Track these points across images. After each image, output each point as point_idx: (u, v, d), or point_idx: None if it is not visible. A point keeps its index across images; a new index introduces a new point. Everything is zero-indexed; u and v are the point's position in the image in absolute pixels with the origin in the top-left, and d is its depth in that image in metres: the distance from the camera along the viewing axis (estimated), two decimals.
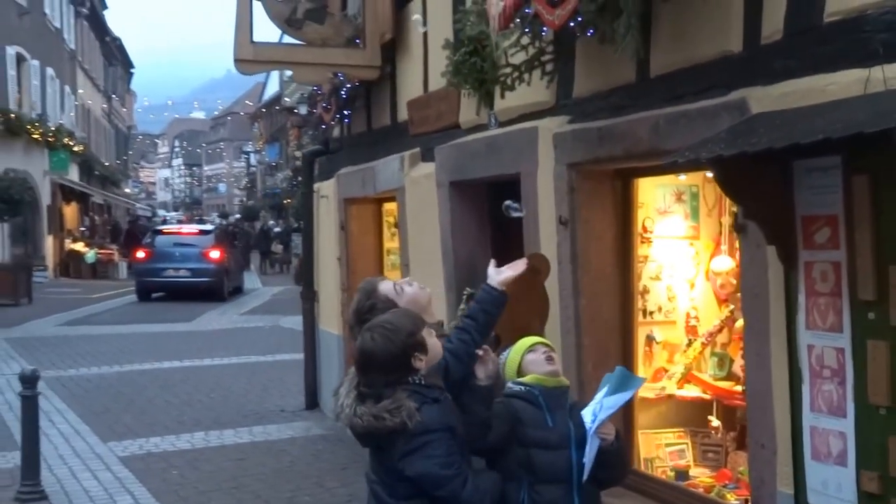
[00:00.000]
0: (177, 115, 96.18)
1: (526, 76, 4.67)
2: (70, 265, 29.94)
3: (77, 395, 10.52)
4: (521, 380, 3.55)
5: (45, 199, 28.93)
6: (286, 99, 25.31)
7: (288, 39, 6.70)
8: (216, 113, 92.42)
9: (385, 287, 3.62)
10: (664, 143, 3.93)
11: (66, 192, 32.10)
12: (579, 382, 4.77)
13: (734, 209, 3.97)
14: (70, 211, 33.45)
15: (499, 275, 3.59)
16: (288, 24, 6.58)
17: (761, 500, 3.67)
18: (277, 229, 38.21)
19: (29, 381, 6.76)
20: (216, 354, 13.57)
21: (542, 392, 3.48)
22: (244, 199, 66.18)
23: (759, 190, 3.36)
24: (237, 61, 6.73)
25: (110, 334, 16.01)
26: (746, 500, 3.95)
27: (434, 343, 3.31)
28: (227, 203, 77.68)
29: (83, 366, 12.64)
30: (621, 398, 3.39)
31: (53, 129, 29.02)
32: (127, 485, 7.02)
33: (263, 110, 55.18)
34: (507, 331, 4.46)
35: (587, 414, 3.43)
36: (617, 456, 3.48)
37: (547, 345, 3.70)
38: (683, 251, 4.83)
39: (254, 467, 7.50)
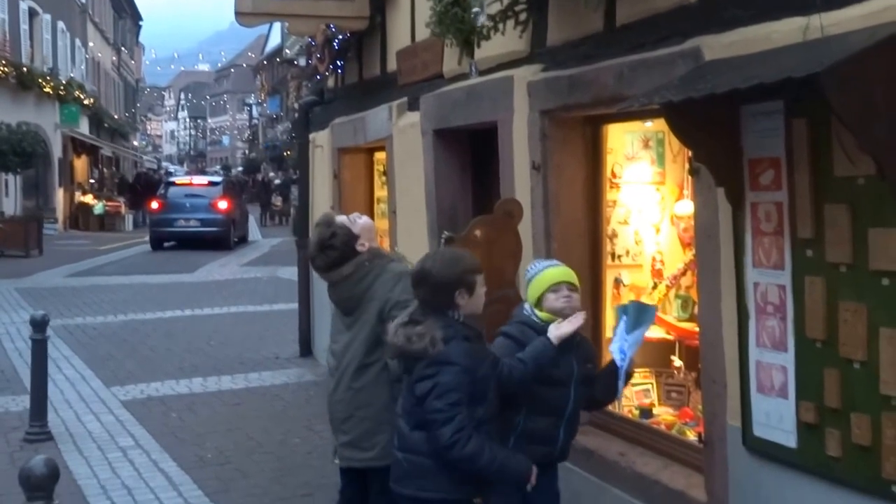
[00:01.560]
0: (182, 68, 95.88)
1: (501, 26, 4.77)
2: (79, 217, 30.24)
3: (83, 343, 10.79)
4: (539, 313, 3.68)
5: (57, 151, 29.15)
6: (287, 51, 25.30)
7: None
8: (219, 65, 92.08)
9: (341, 218, 3.96)
10: (627, 90, 4.05)
11: (76, 145, 32.31)
12: None
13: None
14: (80, 164, 33.68)
15: (557, 330, 3.58)
16: None
17: (713, 433, 3.85)
18: (277, 181, 38.24)
19: (39, 325, 6.98)
20: (216, 304, 13.82)
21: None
22: (246, 151, 66.17)
23: (709, 134, 3.49)
24: (237, 14, 6.91)
25: (116, 285, 16.28)
26: (701, 435, 4.12)
27: (480, 294, 3.48)
28: (231, 155, 77.78)
29: (89, 315, 12.91)
30: (642, 331, 3.58)
31: (64, 82, 29.13)
32: (128, 427, 7.27)
33: (265, 63, 55.04)
34: (484, 272, 4.64)
35: (615, 352, 3.63)
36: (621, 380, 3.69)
37: (572, 285, 3.74)
38: (650, 196, 4.95)
39: (248, 411, 7.73)
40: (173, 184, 26.62)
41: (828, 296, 3.19)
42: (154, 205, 24.38)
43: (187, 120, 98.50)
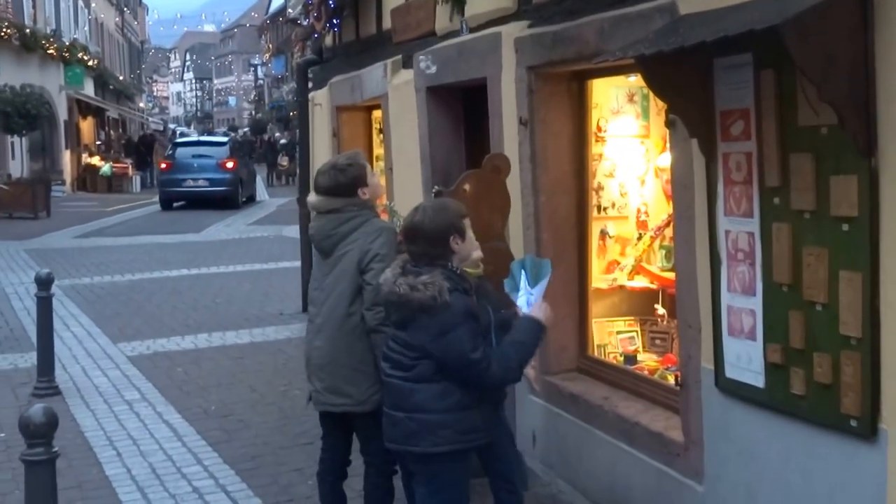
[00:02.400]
0: (186, 28, 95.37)
1: None
2: (87, 179, 30.42)
3: (91, 301, 11.00)
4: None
5: (62, 114, 29.26)
6: (290, 11, 25.29)
7: None
8: (223, 26, 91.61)
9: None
10: (608, 45, 4.14)
11: (82, 108, 32.40)
12: None
13: None
14: (86, 126, 33.79)
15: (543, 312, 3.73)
16: None
17: (688, 375, 4.00)
18: (283, 141, 38.26)
19: (43, 283, 7.17)
20: (222, 263, 14.03)
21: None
22: (253, 112, 66.11)
23: (682, 86, 3.60)
24: None
25: (123, 245, 16.49)
26: (677, 378, 4.28)
27: (471, 237, 3.66)
28: (237, 116, 77.75)
29: (97, 275, 13.12)
30: (544, 283, 3.72)
31: (68, 44, 29.14)
32: (134, 381, 7.48)
33: (269, 23, 54.82)
34: (473, 228, 4.77)
35: (523, 305, 3.76)
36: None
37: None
38: (635, 149, 5.06)
39: (252, 365, 7.93)
40: (180, 144, 26.92)
41: (793, 241, 3.31)
42: (162, 165, 24.79)
43: (193, 81, 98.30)
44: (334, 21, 8.22)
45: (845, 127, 2.97)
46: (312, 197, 4.13)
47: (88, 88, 32.97)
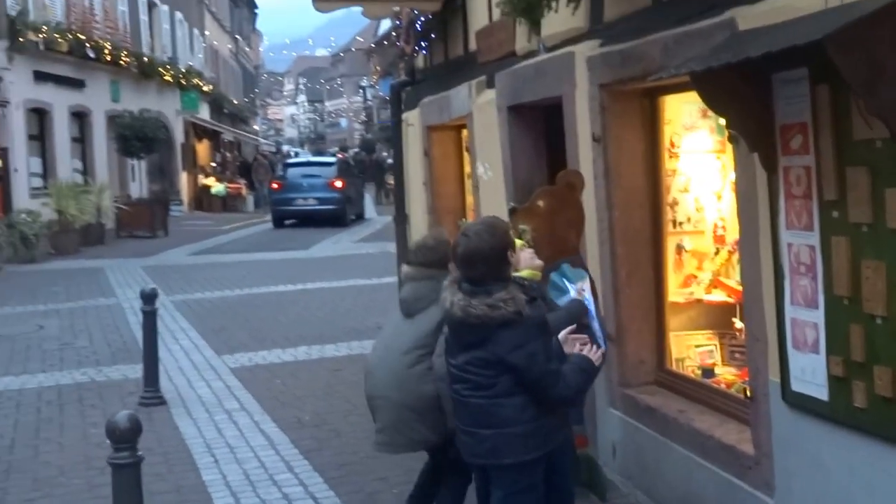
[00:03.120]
0: (295, 53, 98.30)
1: (553, 3, 4.98)
2: (203, 199, 31.66)
3: (200, 315, 11.52)
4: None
5: (179, 137, 30.56)
6: (394, 34, 26.15)
7: None
8: (331, 50, 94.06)
9: None
10: (672, 62, 4.19)
11: (198, 130, 33.76)
12: (614, 289, 5.16)
13: None
14: (202, 148, 35.17)
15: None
16: None
17: (757, 388, 4.01)
18: (390, 160, 38.82)
19: (148, 298, 7.63)
20: (326, 278, 14.46)
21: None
22: (363, 132, 67.47)
23: (740, 102, 3.63)
24: (314, 0, 7.24)
25: (234, 262, 17.16)
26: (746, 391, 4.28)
27: (517, 246, 3.92)
28: (349, 137, 79.41)
29: (207, 290, 13.71)
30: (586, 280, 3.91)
31: (184, 70, 30.45)
32: (235, 392, 7.84)
33: (375, 46, 55.94)
34: (547, 243, 4.89)
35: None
36: None
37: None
38: (710, 164, 5.06)
39: (347, 376, 8.15)
40: (291, 165, 28.12)
41: (852, 254, 3.31)
42: (274, 185, 25.92)
43: (306, 104, 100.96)
44: (422, 44, 8.45)
45: None
46: (405, 268, 4.45)
47: (204, 112, 34.33)
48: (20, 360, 9.33)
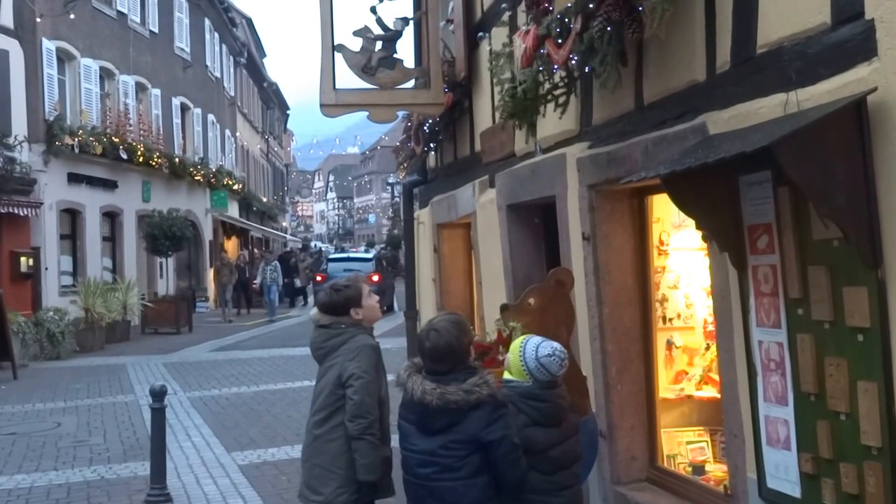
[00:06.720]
0: (322, 152, 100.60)
1: (541, 108, 5.18)
2: None
3: (214, 412, 11.57)
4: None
5: (208, 234, 31.11)
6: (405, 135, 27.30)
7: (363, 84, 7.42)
8: (356, 148, 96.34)
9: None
10: (652, 164, 4.35)
11: (226, 228, 34.36)
12: (605, 385, 5.21)
13: None
14: (231, 245, 35.71)
15: None
16: (363, 71, 7.31)
17: (737, 485, 4.03)
18: None
19: (157, 395, 7.71)
20: None
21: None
22: (390, 228, 68.28)
23: (709, 203, 3.76)
24: (322, 106, 7.50)
25: (253, 358, 17.26)
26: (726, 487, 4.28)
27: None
28: (377, 232, 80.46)
29: (224, 386, 13.78)
30: None
31: (214, 170, 31.22)
32: (240, 489, 7.83)
33: (399, 144, 57.03)
34: None
35: None
36: None
37: None
38: (699, 262, 5.14)
39: None
40: (333, 259, 30.53)
41: (816, 351, 3.38)
42: (318, 278, 27.93)
43: (335, 200, 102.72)
44: (431, 145, 8.70)
45: (849, 240, 3.07)
46: (313, 311, 4.60)
47: (233, 210, 34.98)
48: (34, 457, 9.41)
